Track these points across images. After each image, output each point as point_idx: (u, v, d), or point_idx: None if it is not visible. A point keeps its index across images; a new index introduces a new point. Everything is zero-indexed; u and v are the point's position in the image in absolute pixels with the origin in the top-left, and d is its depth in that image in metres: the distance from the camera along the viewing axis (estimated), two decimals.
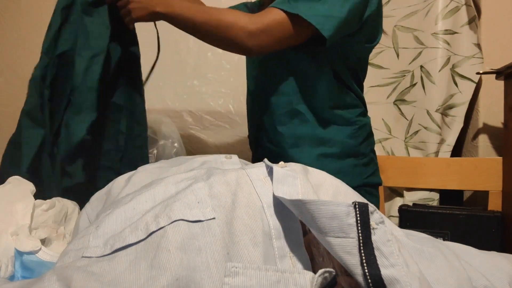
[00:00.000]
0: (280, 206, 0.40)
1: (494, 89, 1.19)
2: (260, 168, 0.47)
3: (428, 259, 0.39)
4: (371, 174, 0.94)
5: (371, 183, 0.93)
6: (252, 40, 0.77)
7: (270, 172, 0.46)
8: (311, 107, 0.88)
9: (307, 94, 0.87)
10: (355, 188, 0.49)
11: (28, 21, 1.58)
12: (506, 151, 1.06)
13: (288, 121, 0.89)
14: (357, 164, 0.91)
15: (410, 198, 1.26)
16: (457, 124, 1.26)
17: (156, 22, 0.91)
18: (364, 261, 0.32)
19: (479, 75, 1.23)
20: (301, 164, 0.50)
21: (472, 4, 1.24)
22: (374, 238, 0.34)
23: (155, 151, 1.08)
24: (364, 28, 0.84)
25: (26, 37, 1.58)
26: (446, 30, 1.29)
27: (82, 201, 0.58)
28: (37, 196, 0.58)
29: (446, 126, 1.29)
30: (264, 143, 0.94)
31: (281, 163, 0.48)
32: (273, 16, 0.77)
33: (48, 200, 0.61)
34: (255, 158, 1.01)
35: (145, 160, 0.88)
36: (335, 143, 0.89)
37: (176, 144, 1.12)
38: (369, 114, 1.44)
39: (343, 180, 0.48)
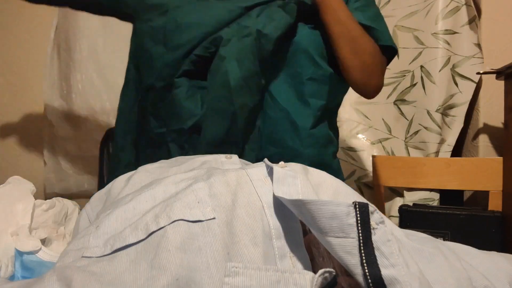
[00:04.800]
0: (280, 206, 0.40)
1: (494, 89, 1.19)
2: (260, 168, 0.47)
3: (428, 259, 0.39)
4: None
5: None
6: None
7: (270, 172, 0.45)
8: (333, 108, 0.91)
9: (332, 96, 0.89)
10: None
11: (28, 22, 1.58)
12: (506, 151, 1.06)
13: (320, 121, 0.87)
14: None
15: (410, 198, 1.26)
16: (457, 124, 1.26)
17: None
18: (364, 261, 0.32)
19: (479, 75, 1.23)
20: (301, 164, 0.50)
21: (472, 4, 1.24)
22: (374, 238, 0.34)
23: None
24: None
25: (26, 37, 1.58)
26: (446, 30, 1.29)
27: None
28: None
29: (446, 126, 1.28)
30: (288, 143, 0.86)
31: (281, 163, 0.48)
32: None
33: (48, 200, 0.61)
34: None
35: None
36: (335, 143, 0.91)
37: None
38: (369, 114, 1.44)
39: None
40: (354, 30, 0.82)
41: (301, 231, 0.39)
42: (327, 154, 0.87)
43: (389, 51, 0.87)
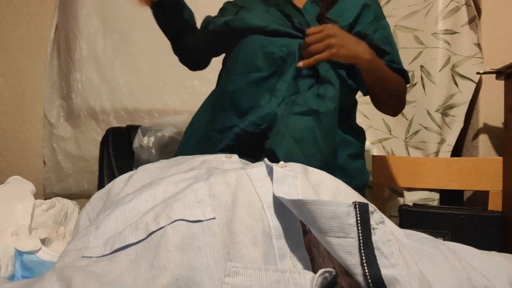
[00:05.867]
0: (280, 206, 0.40)
1: (494, 89, 1.19)
2: (260, 168, 0.47)
3: (428, 259, 0.39)
4: None
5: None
6: None
7: (270, 172, 0.45)
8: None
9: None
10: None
11: (28, 22, 1.58)
12: (506, 151, 1.06)
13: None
14: None
15: (410, 198, 1.26)
16: (457, 124, 1.26)
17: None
18: (364, 261, 0.32)
19: (479, 75, 1.22)
20: (301, 164, 0.50)
21: (472, 4, 1.24)
22: (374, 238, 0.34)
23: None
24: None
25: (26, 37, 1.58)
26: (446, 30, 1.29)
27: None
28: None
29: (446, 126, 1.28)
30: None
31: (281, 163, 0.48)
32: None
33: (48, 200, 0.61)
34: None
35: None
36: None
37: None
38: (369, 114, 1.44)
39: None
40: (390, 81, 0.89)
41: (301, 231, 0.39)
42: (341, 156, 0.86)
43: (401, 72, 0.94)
